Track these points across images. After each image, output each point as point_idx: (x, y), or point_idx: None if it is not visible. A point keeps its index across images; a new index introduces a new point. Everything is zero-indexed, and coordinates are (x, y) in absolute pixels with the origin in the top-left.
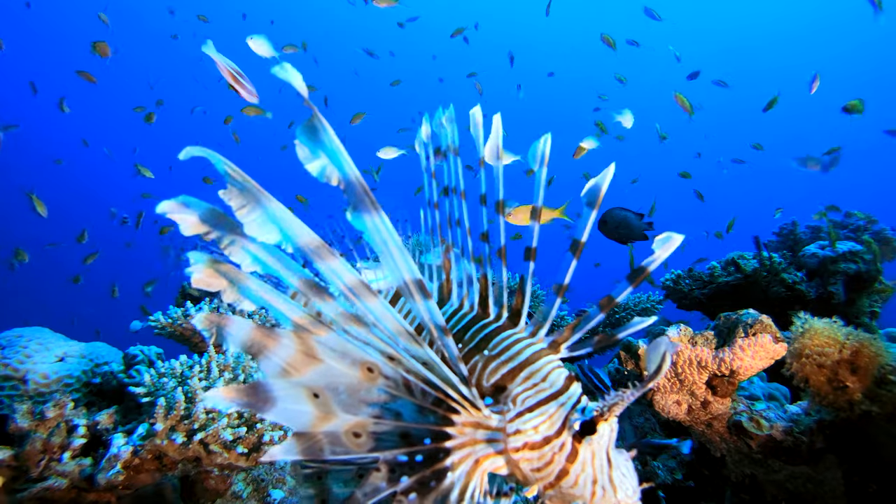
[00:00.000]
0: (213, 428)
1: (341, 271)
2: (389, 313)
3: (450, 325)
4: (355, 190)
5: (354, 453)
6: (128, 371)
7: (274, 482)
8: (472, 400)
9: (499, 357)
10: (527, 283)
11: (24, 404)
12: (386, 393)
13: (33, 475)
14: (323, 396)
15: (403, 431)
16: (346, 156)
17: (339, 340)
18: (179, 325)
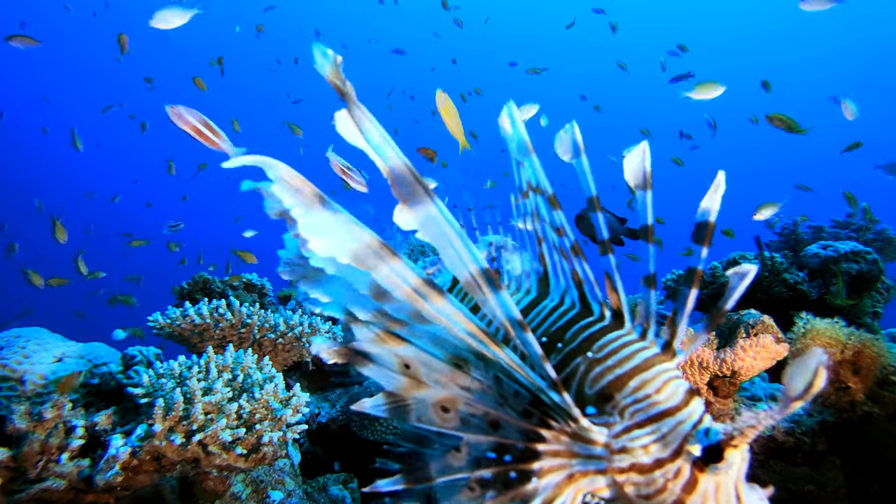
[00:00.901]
0: (211, 429)
1: (405, 271)
2: (460, 312)
3: (547, 322)
4: (405, 180)
5: (439, 426)
6: (126, 372)
7: (273, 483)
8: (565, 408)
9: (604, 361)
10: (616, 279)
11: (22, 405)
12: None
13: (31, 476)
14: (414, 368)
15: (495, 420)
16: (391, 144)
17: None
18: (178, 326)
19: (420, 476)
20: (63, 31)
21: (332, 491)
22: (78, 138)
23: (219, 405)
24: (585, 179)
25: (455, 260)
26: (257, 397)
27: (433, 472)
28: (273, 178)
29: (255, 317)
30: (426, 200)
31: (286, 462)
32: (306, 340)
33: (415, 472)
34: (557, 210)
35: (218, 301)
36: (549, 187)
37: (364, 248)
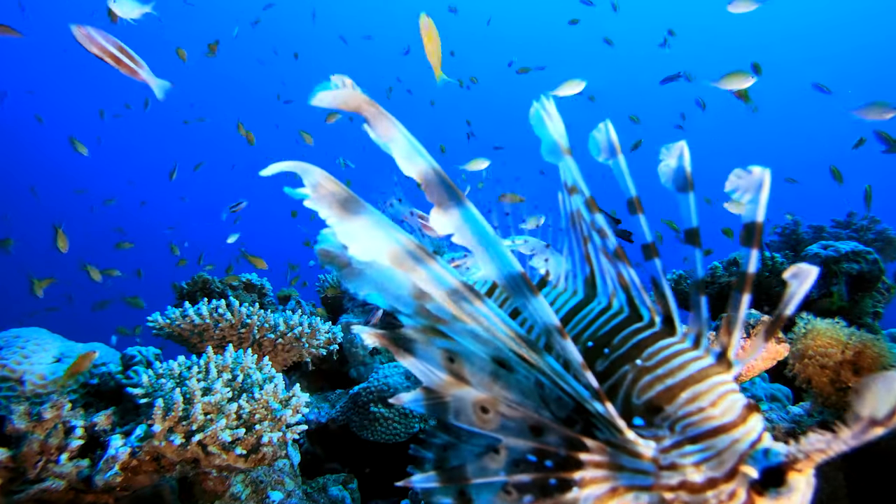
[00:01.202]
0: (211, 429)
1: (442, 274)
2: (499, 317)
3: (594, 326)
4: (437, 184)
5: (477, 427)
6: (126, 372)
7: (273, 484)
8: (608, 419)
9: (654, 370)
10: (663, 283)
11: (22, 405)
12: (520, 387)
13: (31, 477)
14: (458, 362)
15: (536, 425)
16: (421, 149)
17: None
18: (177, 326)
19: (455, 475)
20: (55, 25)
21: (332, 491)
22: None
23: (218, 405)
24: (624, 180)
25: (491, 264)
26: (257, 397)
27: (469, 472)
28: (308, 184)
29: (255, 317)
30: (459, 204)
31: (286, 462)
32: (306, 341)
33: (450, 470)
34: (596, 212)
35: (217, 301)
36: (586, 189)
37: (401, 251)
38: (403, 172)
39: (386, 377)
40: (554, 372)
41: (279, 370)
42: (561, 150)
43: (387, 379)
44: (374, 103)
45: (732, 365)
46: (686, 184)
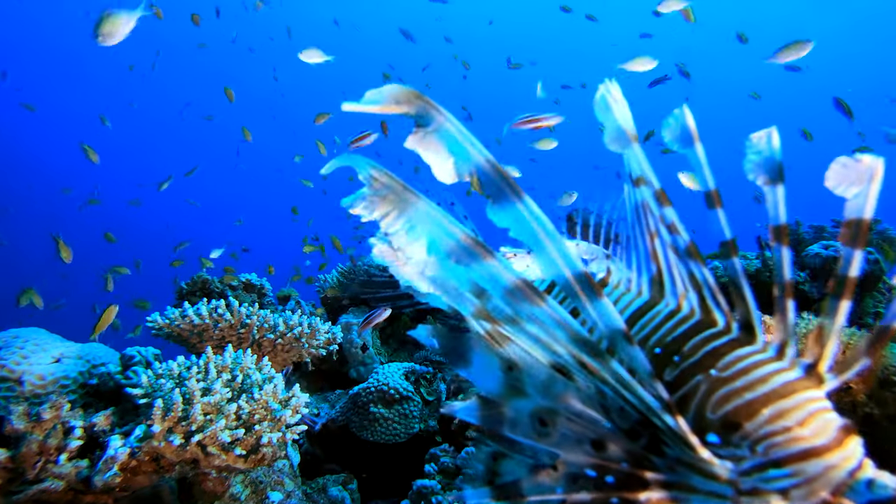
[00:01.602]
0: (210, 430)
1: (501, 271)
2: (563, 319)
3: (663, 331)
4: (493, 178)
5: (534, 440)
6: (125, 372)
7: (272, 484)
8: (680, 434)
9: (732, 382)
10: (743, 285)
11: (21, 406)
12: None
13: (30, 477)
14: (517, 371)
15: (598, 440)
16: (475, 141)
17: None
18: (177, 326)
19: (510, 492)
20: (53, 24)
21: (332, 492)
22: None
23: (218, 406)
24: (701, 171)
25: (550, 262)
26: (256, 398)
27: (525, 488)
28: (363, 177)
29: (255, 317)
30: (517, 198)
31: (285, 463)
32: (306, 341)
33: (504, 487)
34: (667, 206)
35: (217, 301)
36: (656, 180)
37: (456, 246)
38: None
39: (386, 378)
40: (620, 381)
41: (279, 370)
42: (628, 137)
43: (387, 379)
44: (424, 95)
45: (825, 380)
46: (777, 175)
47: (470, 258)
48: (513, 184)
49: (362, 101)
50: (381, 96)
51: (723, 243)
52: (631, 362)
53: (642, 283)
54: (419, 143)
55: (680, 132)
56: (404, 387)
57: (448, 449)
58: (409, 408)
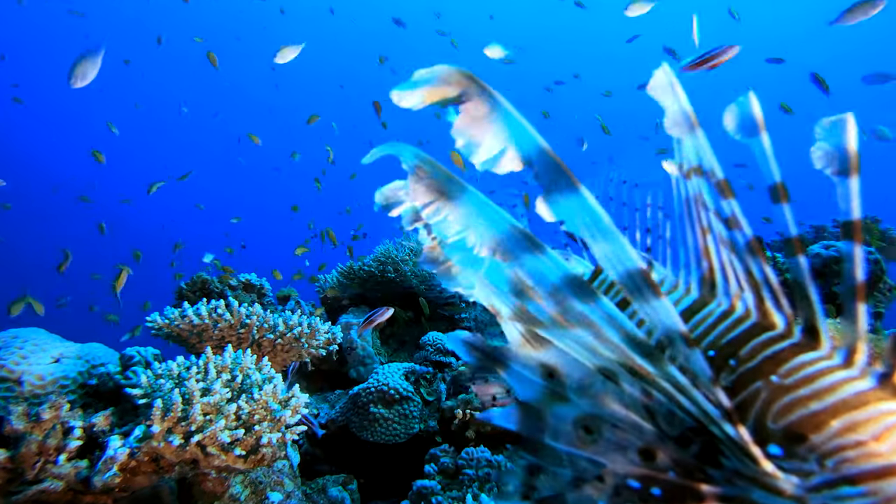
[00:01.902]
0: (210, 430)
1: (551, 266)
2: (616, 319)
3: (716, 333)
4: (549, 166)
5: (578, 449)
6: (124, 372)
7: (272, 484)
8: (741, 444)
9: (795, 390)
10: (808, 285)
11: (20, 406)
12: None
13: (29, 477)
14: (558, 377)
15: (646, 448)
16: (531, 128)
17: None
18: (176, 327)
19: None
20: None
21: (332, 492)
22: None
23: (217, 406)
24: (766, 163)
25: (608, 257)
26: (256, 398)
27: (569, 503)
28: (406, 166)
29: (254, 317)
30: (572, 189)
31: (285, 463)
32: (305, 341)
33: (545, 501)
34: (730, 198)
35: (217, 301)
36: (719, 170)
37: (505, 241)
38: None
39: (386, 378)
40: (676, 385)
41: (278, 371)
42: (692, 122)
43: (386, 380)
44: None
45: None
46: (850, 165)
47: (517, 252)
48: (570, 173)
49: (410, 85)
50: (433, 76)
51: (787, 240)
52: (689, 366)
53: (691, 281)
54: (469, 129)
55: (743, 120)
56: (404, 387)
57: (448, 449)
58: (409, 408)
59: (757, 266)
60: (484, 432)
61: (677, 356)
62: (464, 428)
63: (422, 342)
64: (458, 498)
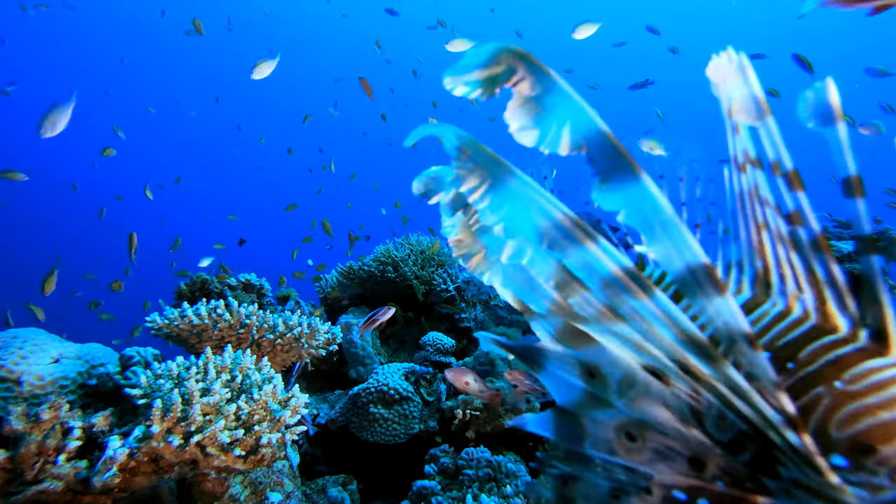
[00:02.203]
0: (210, 430)
1: (603, 258)
2: (672, 315)
3: (772, 334)
4: (607, 151)
5: (620, 458)
6: (124, 373)
7: (272, 485)
8: (804, 454)
9: (862, 398)
10: (880, 286)
11: (19, 406)
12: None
13: (28, 478)
14: (599, 378)
15: (696, 457)
16: (590, 110)
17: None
18: (176, 327)
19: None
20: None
21: (332, 493)
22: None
23: (217, 406)
24: (841, 154)
25: (669, 251)
26: (256, 398)
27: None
28: (449, 148)
29: (254, 317)
30: (632, 176)
31: (285, 463)
32: (305, 341)
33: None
34: (799, 191)
35: (216, 301)
36: (787, 160)
37: (555, 230)
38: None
39: (386, 378)
40: (734, 388)
41: (278, 371)
42: (763, 108)
43: (386, 380)
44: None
45: None
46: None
47: (567, 242)
48: (631, 160)
49: (461, 69)
50: (484, 56)
51: (860, 238)
52: (751, 368)
53: (742, 279)
54: (523, 111)
55: (819, 108)
56: (404, 387)
57: (448, 450)
58: (409, 408)
59: (821, 264)
60: (484, 432)
61: (738, 358)
62: (464, 428)
63: (422, 342)
64: (458, 498)
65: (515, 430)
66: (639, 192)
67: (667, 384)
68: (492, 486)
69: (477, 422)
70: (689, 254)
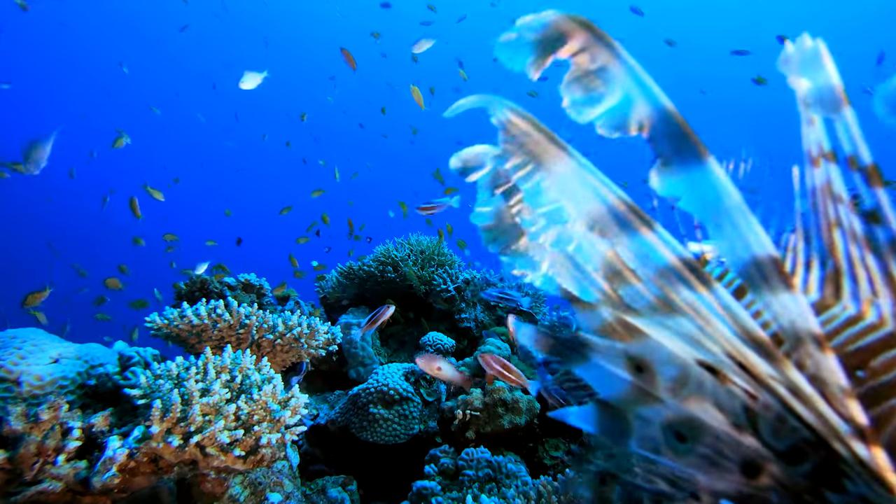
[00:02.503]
0: (209, 430)
1: (660, 247)
2: (733, 310)
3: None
4: (672, 132)
5: (667, 459)
6: (123, 373)
7: (272, 485)
8: (874, 469)
9: None
10: None
11: (19, 406)
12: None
13: (28, 478)
14: (649, 373)
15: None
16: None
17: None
18: (176, 327)
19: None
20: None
21: (331, 493)
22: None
23: (217, 406)
24: None
25: (734, 242)
26: (256, 398)
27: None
28: (497, 121)
29: (254, 317)
30: (698, 161)
31: (285, 464)
32: (305, 341)
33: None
34: (877, 188)
35: (216, 301)
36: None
37: (609, 215)
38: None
39: (386, 378)
40: (796, 392)
41: (278, 371)
42: (840, 98)
43: (386, 380)
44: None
45: None
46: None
47: (621, 228)
48: (699, 142)
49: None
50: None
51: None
52: (817, 371)
53: (810, 280)
54: (581, 85)
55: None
56: (404, 387)
57: (448, 450)
58: (409, 408)
59: None
60: (484, 433)
61: (804, 359)
62: (464, 429)
63: (422, 342)
64: (458, 499)
65: (515, 431)
66: (703, 178)
67: (722, 381)
68: (492, 487)
69: (477, 422)
70: (757, 245)
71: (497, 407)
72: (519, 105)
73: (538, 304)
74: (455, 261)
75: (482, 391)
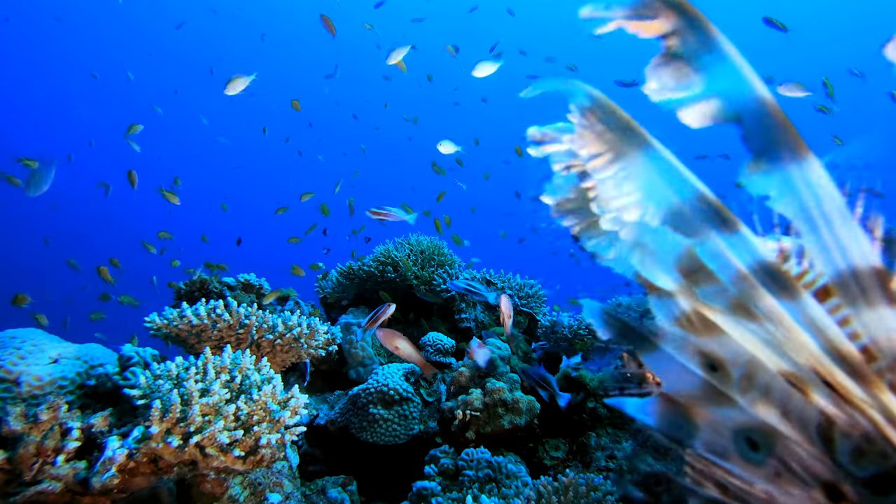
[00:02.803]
0: (209, 431)
1: (743, 249)
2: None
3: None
4: (768, 125)
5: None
6: (123, 373)
7: (271, 486)
8: None
9: None
10: None
11: (18, 407)
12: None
13: (27, 479)
14: (724, 372)
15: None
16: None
17: None
18: (175, 327)
19: None
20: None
21: (331, 493)
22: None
23: (216, 407)
24: None
25: (830, 247)
26: (255, 399)
27: None
28: (575, 107)
29: (253, 317)
30: (799, 157)
31: (284, 464)
32: (305, 342)
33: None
34: None
35: (216, 301)
36: None
37: (689, 211)
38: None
39: (386, 378)
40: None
41: (278, 371)
42: None
43: (386, 380)
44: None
45: None
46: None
47: (700, 227)
48: (798, 137)
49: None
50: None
51: None
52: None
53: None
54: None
55: None
56: (404, 388)
57: (448, 450)
58: (409, 409)
59: None
60: (484, 433)
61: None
62: (464, 429)
63: (422, 342)
64: (458, 499)
65: (516, 431)
66: (802, 175)
67: (806, 396)
68: (492, 487)
69: (477, 422)
70: (857, 253)
71: (497, 407)
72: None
73: (538, 304)
74: (455, 261)
75: (482, 391)
